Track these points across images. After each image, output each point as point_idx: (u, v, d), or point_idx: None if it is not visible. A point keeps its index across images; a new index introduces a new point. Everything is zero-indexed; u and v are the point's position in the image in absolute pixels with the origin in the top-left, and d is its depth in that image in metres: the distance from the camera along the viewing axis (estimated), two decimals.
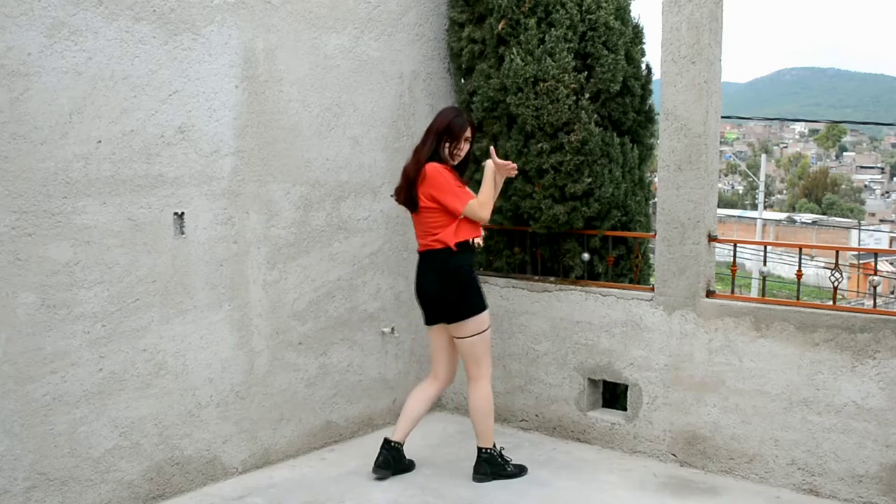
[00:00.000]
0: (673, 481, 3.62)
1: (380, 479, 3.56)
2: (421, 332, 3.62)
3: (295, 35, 3.74)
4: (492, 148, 3.53)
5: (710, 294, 3.76)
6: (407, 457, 3.67)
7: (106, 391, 3.15)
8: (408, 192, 3.46)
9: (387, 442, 3.60)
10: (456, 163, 3.51)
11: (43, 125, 2.91)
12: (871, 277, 3.69)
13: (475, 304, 3.47)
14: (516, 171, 3.50)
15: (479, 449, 3.59)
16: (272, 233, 3.72)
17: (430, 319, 3.58)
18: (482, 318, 3.49)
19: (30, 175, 2.88)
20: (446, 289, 3.46)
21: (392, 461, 3.59)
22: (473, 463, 3.60)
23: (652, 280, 4.05)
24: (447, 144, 3.45)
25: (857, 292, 23.53)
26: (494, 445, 3.59)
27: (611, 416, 4.07)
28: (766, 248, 3.98)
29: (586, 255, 4.12)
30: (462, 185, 3.48)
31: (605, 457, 3.92)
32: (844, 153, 78.72)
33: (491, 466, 3.56)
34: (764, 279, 4.12)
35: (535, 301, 4.24)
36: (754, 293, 17.16)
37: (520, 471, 3.63)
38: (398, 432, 3.60)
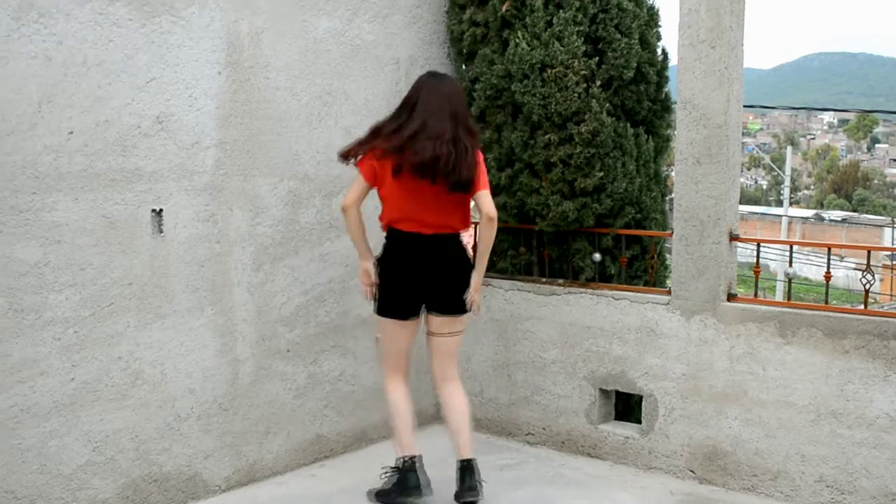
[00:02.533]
0: (691, 499, 3.63)
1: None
2: (419, 338, 3.60)
3: (282, 17, 3.74)
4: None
5: (731, 297, 3.76)
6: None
7: (78, 402, 3.15)
8: (468, 172, 3.28)
9: (411, 461, 3.39)
10: None
11: (10, 115, 2.91)
12: None
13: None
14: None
15: (472, 461, 3.39)
16: (258, 231, 3.72)
17: (414, 311, 3.46)
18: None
19: None
20: (460, 276, 3.42)
21: (426, 478, 3.40)
22: (464, 481, 3.36)
23: (668, 282, 4.06)
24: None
25: (891, 295, 23.54)
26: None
27: (624, 429, 4.08)
28: (791, 247, 3.97)
29: (597, 256, 4.12)
30: None
31: (618, 473, 3.92)
32: (877, 145, 78.75)
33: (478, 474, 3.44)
34: (790, 281, 4.12)
35: (543, 305, 4.23)
36: (779, 297, 17.17)
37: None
38: (412, 447, 3.42)
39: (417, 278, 3.42)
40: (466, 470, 3.40)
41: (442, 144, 3.24)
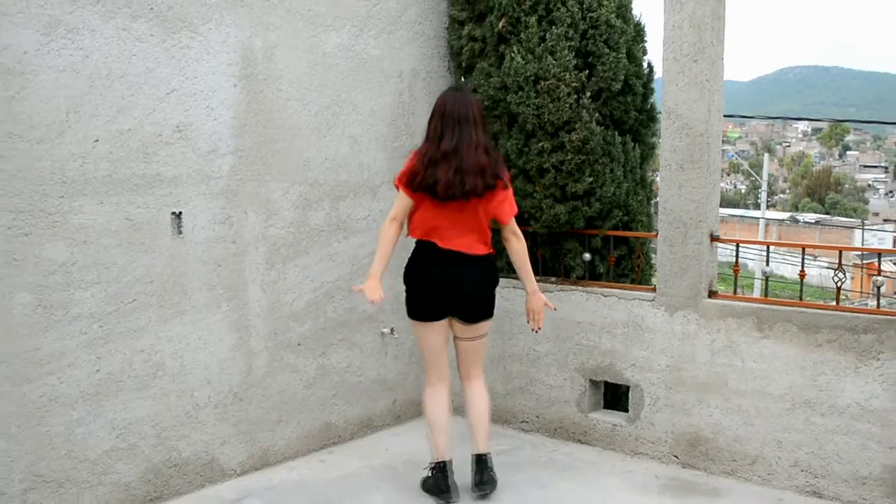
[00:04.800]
0: (675, 483, 3.64)
1: None
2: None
3: (293, 33, 3.75)
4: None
5: (712, 294, 3.78)
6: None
7: (103, 392, 3.17)
8: (484, 180, 3.21)
9: (444, 466, 3.37)
10: None
11: (39, 124, 2.92)
12: (874, 278, 3.72)
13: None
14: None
15: (485, 455, 3.41)
16: (270, 233, 3.73)
17: (443, 313, 3.37)
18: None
19: (26, 174, 2.90)
20: (489, 289, 3.43)
21: (455, 483, 3.38)
22: (479, 474, 3.38)
23: (654, 280, 4.05)
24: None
25: (861, 293, 23.51)
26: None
27: (612, 417, 4.09)
28: (768, 247, 3.98)
29: (587, 255, 4.13)
30: None
31: (607, 458, 3.94)
32: (848, 152, 78.85)
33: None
34: (766, 279, 4.12)
35: None
36: (757, 293, 17.15)
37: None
38: (447, 451, 3.38)
39: (443, 289, 3.35)
40: (481, 464, 3.42)
41: (452, 169, 3.19)
